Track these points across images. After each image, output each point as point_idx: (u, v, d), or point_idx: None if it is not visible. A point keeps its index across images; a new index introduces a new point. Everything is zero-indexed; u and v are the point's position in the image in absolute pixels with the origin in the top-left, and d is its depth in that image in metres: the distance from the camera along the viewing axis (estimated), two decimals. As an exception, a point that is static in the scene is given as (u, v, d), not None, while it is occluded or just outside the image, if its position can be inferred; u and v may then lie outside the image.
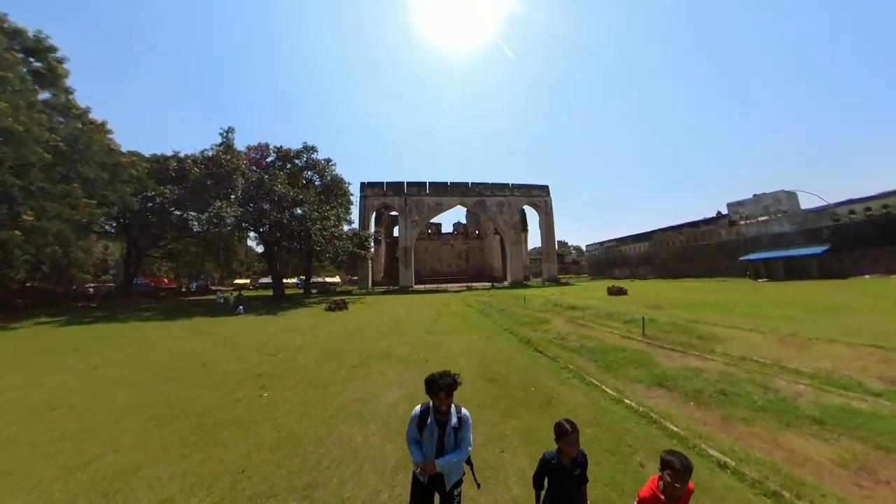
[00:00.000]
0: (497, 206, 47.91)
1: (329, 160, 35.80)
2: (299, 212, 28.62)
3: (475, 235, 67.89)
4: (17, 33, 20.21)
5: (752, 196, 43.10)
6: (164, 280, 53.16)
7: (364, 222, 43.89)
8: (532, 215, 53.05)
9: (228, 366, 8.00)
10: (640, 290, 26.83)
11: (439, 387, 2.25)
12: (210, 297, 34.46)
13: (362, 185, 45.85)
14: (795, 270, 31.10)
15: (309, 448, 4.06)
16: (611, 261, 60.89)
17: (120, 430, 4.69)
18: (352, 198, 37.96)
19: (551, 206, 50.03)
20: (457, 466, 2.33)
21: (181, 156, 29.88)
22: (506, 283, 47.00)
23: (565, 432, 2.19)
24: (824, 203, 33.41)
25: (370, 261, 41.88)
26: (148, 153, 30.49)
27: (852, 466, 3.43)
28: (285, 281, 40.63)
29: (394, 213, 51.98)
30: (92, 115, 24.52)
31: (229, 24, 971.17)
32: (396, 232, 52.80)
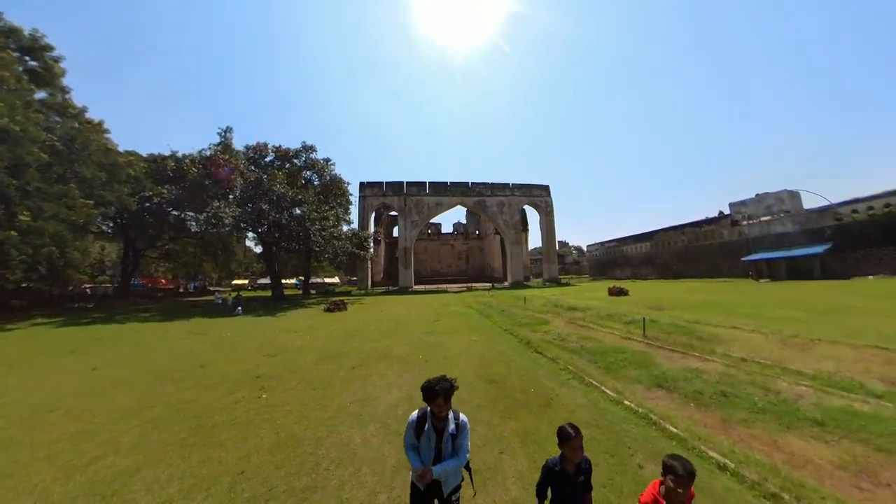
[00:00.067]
0: (497, 206, 47.85)
1: (328, 160, 35.68)
2: (298, 212, 28.50)
3: (475, 236, 67.84)
4: (12, 32, 20.12)
5: (755, 196, 42.99)
6: (162, 281, 52.83)
7: (363, 222, 43.82)
8: (532, 215, 53.09)
9: (227, 367, 7.97)
10: (641, 290, 26.86)
11: (437, 392, 2.20)
12: (208, 298, 34.32)
13: (361, 185, 45.76)
14: (798, 271, 31.08)
15: (308, 449, 4.05)
16: (612, 261, 60.91)
17: (119, 431, 4.67)
18: (351, 198, 37.86)
19: (552, 205, 49.90)
20: (454, 473, 2.30)
21: (179, 155, 29.77)
22: (506, 283, 46.98)
23: (569, 437, 2.13)
24: (827, 203, 33.41)
25: (369, 261, 41.76)
26: (146, 153, 30.38)
27: (853, 469, 3.42)
28: (284, 281, 40.46)
29: (393, 213, 51.91)
30: (89, 115, 24.48)
31: (229, 24, 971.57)
32: (396, 232, 52.76)
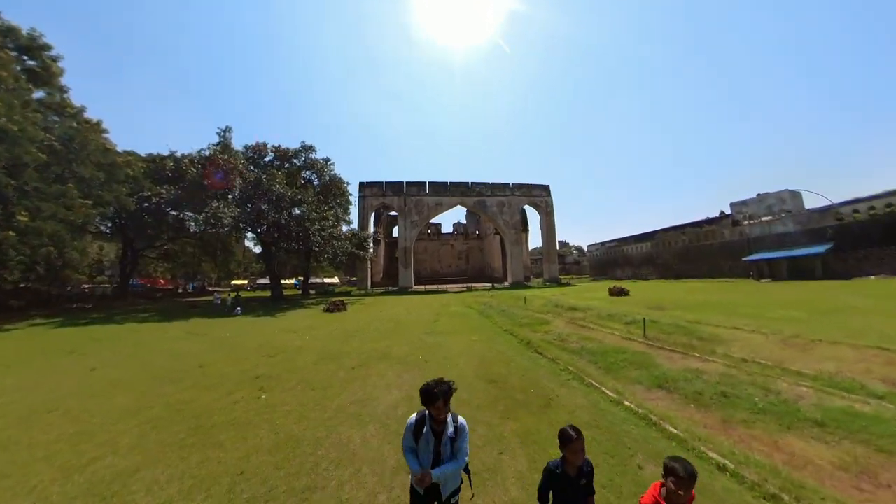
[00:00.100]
0: (497, 206, 47.84)
1: (328, 160, 35.70)
2: (297, 212, 28.48)
3: (475, 236, 67.84)
4: (10, 31, 20.07)
5: (756, 196, 42.81)
6: (161, 281, 52.72)
7: (363, 222, 43.81)
8: (533, 215, 53.05)
9: (226, 367, 7.95)
10: (641, 290, 26.86)
11: (436, 395, 2.16)
12: (207, 298, 34.30)
13: (361, 185, 45.74)
14: (799, 271, 31.09)
15: (307, 450, 4.04)
16: (612, 261, 60.91)
17: (117, 432, 4.66)
18: (351, 198, 37.89)
19: (552, 205, 49.89)
20: (454, 476, 2.29)
21: (178, 155, 29.74)
22: (506, 283, 46.97)
23: (570, 439, 2.09)
24: (828, 202, 33.39)
25: (369, 261, 41.73)
26: (144, 153, 30.35)
27: (853, 469, 3.42)
28: (283, 282, 40.46)
29: (393, 213, 51.89)
30: (87, 114, 24.43)
31: (229, 24, 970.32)
32: (396, 232, 52.74)
